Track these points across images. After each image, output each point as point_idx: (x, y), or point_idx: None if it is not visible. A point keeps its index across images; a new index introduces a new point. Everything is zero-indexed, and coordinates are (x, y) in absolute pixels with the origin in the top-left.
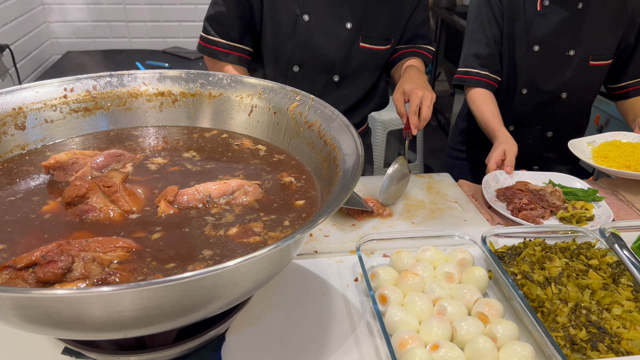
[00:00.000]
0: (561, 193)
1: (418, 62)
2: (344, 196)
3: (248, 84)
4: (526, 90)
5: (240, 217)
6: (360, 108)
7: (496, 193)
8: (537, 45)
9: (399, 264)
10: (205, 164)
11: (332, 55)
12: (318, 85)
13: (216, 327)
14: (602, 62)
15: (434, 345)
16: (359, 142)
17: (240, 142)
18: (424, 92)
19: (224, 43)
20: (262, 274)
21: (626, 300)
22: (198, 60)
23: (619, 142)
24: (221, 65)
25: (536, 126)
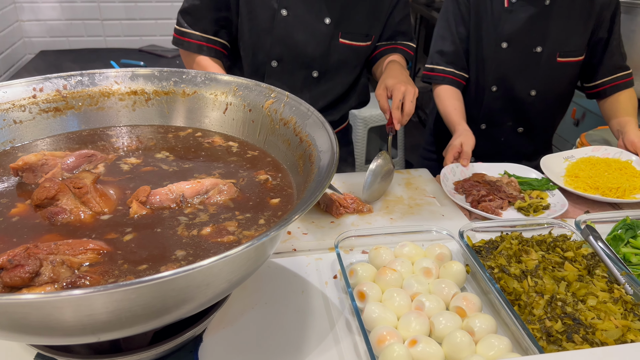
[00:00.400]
0: (517, 183)
1: (400, 58)
2: (318, 193)
3: (222, 82)
4: (496, 88)
5: (214, 216)
6: (341, 105)
7: (454, 186)
8: (505, 42)
9: (377, 260)
10: (179, 163)
11: (311, 50)
12: (297, 81)
13: (193, 328)
14: (571, 59)
15: (412, 340)
16: (334, 138)
17: (213, 140)
18: (406, 87)
19: (197, 35)
20: (236, 274)
21: (601, 291)
22: (175, 58)
23: (596, 158)
24: (195, 58)
25: (507, 123)
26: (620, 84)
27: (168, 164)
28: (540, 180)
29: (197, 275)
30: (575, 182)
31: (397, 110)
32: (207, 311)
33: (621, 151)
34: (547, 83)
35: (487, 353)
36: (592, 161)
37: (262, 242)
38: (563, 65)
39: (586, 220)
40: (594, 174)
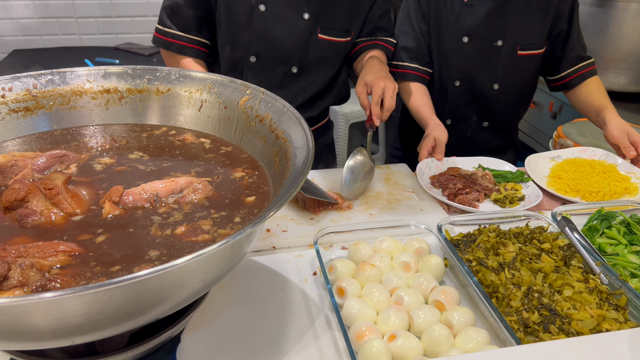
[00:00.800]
0: (491, 176)
1: (380, 54)
2: (293, 190)
3: (197, 78)
4: (459, 83)
5: (188, 215)
6: (320, 100)
7: (430, 180)
8: (466, 37)
9: (356, 255)
10: (153, 162)
11: (290, 46)
12: (276, 77)
13: (170, 328)
14: (531, 52)
15: (391, 335)
16: (310, 135)
17: (188, 138)
18: (386, 83)
19: (180, 35)
20: (211, 273)
21: (577, 281)
22: (152, 56)
23: (581, 160)
24: (178, 58)
25: (472, 118)
26: (585, 73)
27: (142, 163)
28: (514, 172)
29: (169, 275)
30: (557, 184)
31: (377, 106)
32: (184, 311)
33: (607, 153)
34: (509, 77)
35: (466, 346)
36: (577, 163)
37: (236, 240)
38: (524, 59)
39: (562, 211)
40: (577, 176)
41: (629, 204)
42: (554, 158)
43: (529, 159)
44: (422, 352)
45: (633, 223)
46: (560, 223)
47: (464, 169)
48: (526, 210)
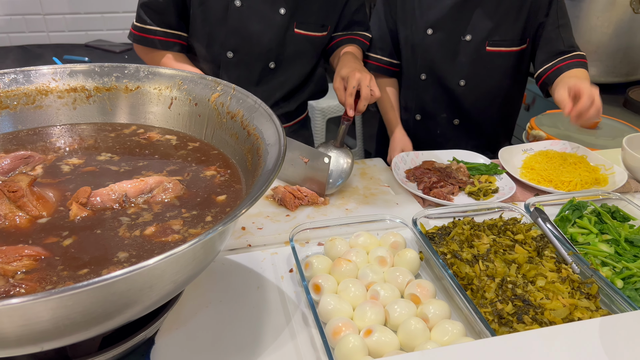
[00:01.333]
0: (465, 169)
1: (355, 48)
2: (264, 187)
3: (166, 75)
4: (425, 76)
5: (159, 215)
6: (298, 95)
7: (406, 174)
8: (430, 29)
9: (332, 251)
10: (123, 162)
11: (267, 41)
12: (254, 73)
13: (143, 330)
14: (501, 49)
15: (367, 330)
16: (282, 131)
17: (158, 136)
18: (361, 74)
19: (160, 31)
20: (182, 274)
21: (549, 271)
22: (124, 53)
23: (553, 152)
24: (159, 54)
25: (441, 115)
26: (562, 67)
27: (111, 163)
28: (488, 165)
29: (138, 277)
30: (530, 174)
31: (351, 97)
32: (158, 312)
33: (578, 146)
34: (476, 73)
35: (442, 338)
36: (549, 155)
37: (207, 239)
38: (493, 55)
39: (535, 202)
40: (549, 167)
41: (599, 194)
42: (526, 150)
43: (502, 151)
44: (399, 346)
45: (603, 212)
46: (533, 214)
47: (438, 163)
48: (500, 202)
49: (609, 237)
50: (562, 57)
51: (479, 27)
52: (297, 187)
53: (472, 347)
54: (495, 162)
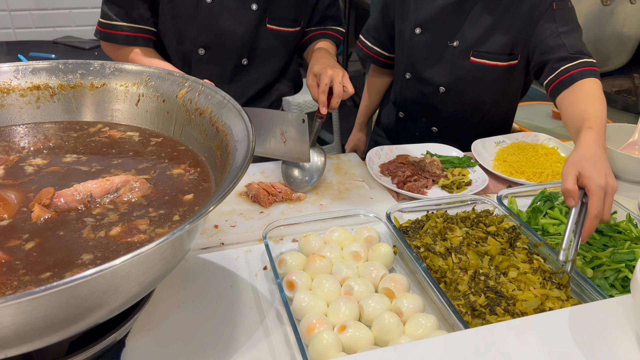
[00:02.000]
0: (439, 162)
1: (328, 44)
2: (232, 185)
3: (133, 72)
4: (409, 75)
5: (125, 215)
6: (272, 91)
7: (380, 168)
8: (418, 28)
9: (307, 247)
10: (88, 161)
11: (239, 37)
12: (227, 69)
13: (113, 332)
14: (486, 61)
15: (341, 326)
16: (251, 127)
17: (125, 135)
18: (333, 70)
19: (127, 26)
20: (148, 275)
21: (522, 262)
22: (94, 49)
23: (525, 144)
24: (127, 50)
25: (421, 118)
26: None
27: (76, 162)
28: (461, 158)
29: (100, 280)
30: (503, 166)
31: (323, 95)
32: (128, 314)
33: (550, 137)
34: (457, 82)
35: (415, 332)
36: (522, 146)
37: (173, 239)
38: (477, 67)
39: (507, 194)
40: (521, 158)
41: None
42: (499, 143)
43: (475, 144)
44: (373, 341)
45: None
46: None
47: (412, 156)
48: (473, 194)
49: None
50: (567, 66)
51: (466, 35)
52: (270, 183)
53: (444, 340)
54: (468, 155)
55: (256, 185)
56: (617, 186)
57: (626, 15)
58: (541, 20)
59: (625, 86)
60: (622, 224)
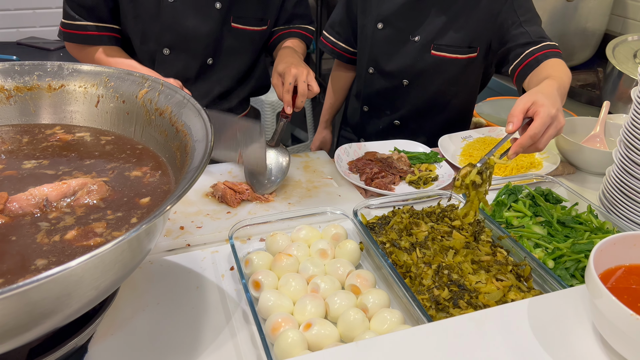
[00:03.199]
0: (406, 158)
1: (297, 42)
2: (189, 185)
3: (91, 72)
4: (372, 70)
5: (81, 218)
6: (238, 91)
7: (348, 166)
8: (380, 23)
9: (274, 246)
10: (46, 165)
11: (203, 37)
12: (192, 69)
13: (74, 338)
14: (446, 54)
15: (306, 324)
16: (210, 127)
17: (84, 137)
18: (298, 69)
19: (91, 26)
20: (103, 279)
21: (485, 255)
22: (59, 50)
23: (490, 139)
24: (92, 50)
25: (385, 112)
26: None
27: (34, 166)
28: (428, 154)
29: (52, 285)
30: (468, 161)
31: (288, 94)
32: (89, 318)
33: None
34: (420, 75)
35: (380, 328)
36: (487, 141)
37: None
38: (437, 60)
39: None
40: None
41: (533, 178)
42: (465, 138)
43: (442, 140)
44: (339, 338)
45: (537, 195)
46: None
47: (380, 153)
48: (439, 189)
49: (542, 219)
50: (531, 49)
51: (427, 29)
52: (239, 182)
53: (405, 335)
54: (435, 151)
55: (222, 185)
56: (564, 124)
57: (590, 11)
58: (501, 12)
59: (590, 80)
60: (584, 215)
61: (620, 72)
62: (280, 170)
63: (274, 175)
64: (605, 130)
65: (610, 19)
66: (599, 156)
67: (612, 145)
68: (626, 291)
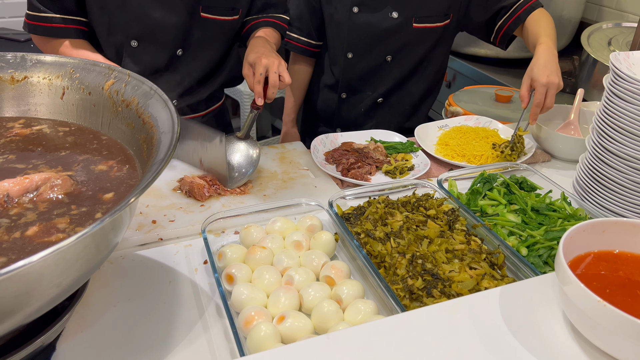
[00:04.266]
0: (383, 148)
1: (270, 32)
2: (153, 178)
3: (56, 64)
4: (351, 55)
5: (44, 214)
6: (210, 83)
7: (325, 156)
8: (356, 7)
9: (248, 239)
10: (8, 159)
11: (172, 27)
12: (161, 61)
13: (41, 336)
14: (427, 25)
15: (280, 317)
16: (176, 118)
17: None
18: (268, 59)
19: (57, 18)
20: (65, 276)
21: (460, 244)
22: (30, 41)
23: (466, 127)
24: (57, 43)
25: (367, 92)
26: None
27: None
28: (404, 143)
29: (7, 284)
30: (445, 150)
31: (259, 85)
32: (57, 316)
33: (490, 120)
34: (404, 49)
35: (354, 318)
36: (463, 130)
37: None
38: (420, 31)
39: (447, 177)
40: (462, 142)
41: (508, 166)
42: (442, 127)
43: (418, 129)
44: (313, 330)
45: (511, 183)
46: (445, 189)
47: (357, 143)
48: (415, 179)
49: (517, 207)
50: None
51: (404, 4)
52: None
53: (377, 326)
54: (411, 140)
55: (189, 178)
56: (557, 82)
57: None
58: None
59: (566, 68)
60: (557, 202)
61: (595, 60)
62: (251, 163)
63: (244, 167)
64: (580, 117)
65: (586, 7)
66: (572, 143)
67: (586, 133)
68: (595, 277)
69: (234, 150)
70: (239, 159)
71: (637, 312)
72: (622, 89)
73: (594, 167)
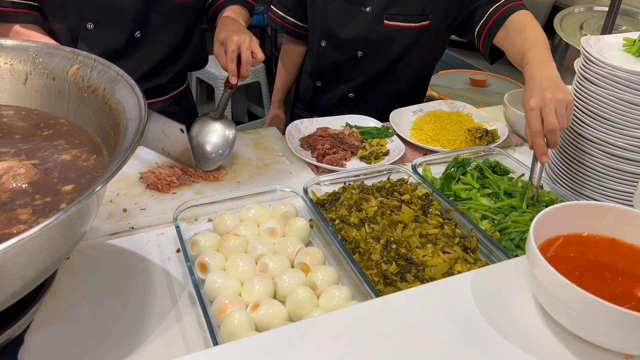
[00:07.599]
0: (358, 133)
1: (238, 9)
2: (119, 166)
3: (17, 48)
4: (325, 43)
5: (6, 204)
6: (171, 66)
7: (300, 142)
8: None
9: (221, 227)
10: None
11: (129, 8)
12: (118, 44)
13: (7, 329)
14: (399, 24)
15: (254, 305)
16: (143, 104)
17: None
18: (239, 36)
19: (7, 1)
20: (29, 268)
21: (433, 228)
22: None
23: (441, 112)
24: (5, 28)
25: (339, 85)
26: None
27: None
28: (379, 128)
29: None
30: (419, 135)
31: (232, 63)
32: (24, 308)
33: (464, 105)
34: (374, 46)
35: (329, 305)
36: (437, 114)
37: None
38: (390, 30)
39: (421, 162)
40: (437, 127)
41: (481, 150)
42: (416, 112)
43: (393, 114)
44: (287, 317)
45: (485, 167)
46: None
47: (332, 129)
48: (390, 164)
49: (490, 191)
50: (495, 6)
51: None
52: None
53: (349, 311)
54: (386, 125)
55: (152, 175)
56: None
57: None
58: None
59: None
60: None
61: (567, 44)
62: (227, 144)
63: (220, 148)
64: None
65: None
66: None
67: None
68: (565, 260)
69: (210, 131)
70: (216, 140)
71: (604, 294)
72: (592, 73)
73: (565, 151)
